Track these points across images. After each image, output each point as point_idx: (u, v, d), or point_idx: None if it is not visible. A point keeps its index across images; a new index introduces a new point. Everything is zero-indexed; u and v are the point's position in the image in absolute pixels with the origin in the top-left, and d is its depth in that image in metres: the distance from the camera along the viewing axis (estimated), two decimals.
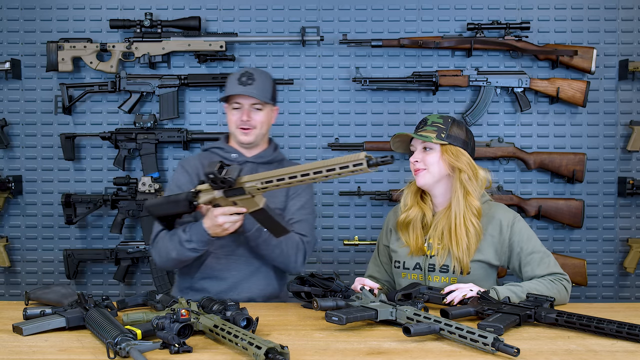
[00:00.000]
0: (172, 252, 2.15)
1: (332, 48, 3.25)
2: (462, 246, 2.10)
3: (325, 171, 1.69)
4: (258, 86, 2.27)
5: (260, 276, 2.30)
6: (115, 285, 3.29)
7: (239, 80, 2.26)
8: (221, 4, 3.26)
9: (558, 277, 2.07)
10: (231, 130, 2.33)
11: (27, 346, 1.63)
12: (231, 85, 2.28)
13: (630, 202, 3.27)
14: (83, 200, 3.18)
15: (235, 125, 2.30)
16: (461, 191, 2.13)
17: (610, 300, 3.28)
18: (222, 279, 2.27)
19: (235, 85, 2.26)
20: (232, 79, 2.30)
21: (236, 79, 2.27)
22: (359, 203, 3.29)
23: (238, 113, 2.29)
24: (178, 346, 1.52)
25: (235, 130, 2.31)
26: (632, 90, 3.25)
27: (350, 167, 1.64)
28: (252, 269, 2.28)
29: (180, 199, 2.04)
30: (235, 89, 2.25)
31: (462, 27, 3.24)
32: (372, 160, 1.61)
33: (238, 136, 2.31)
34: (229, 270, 2.27)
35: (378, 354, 1.55)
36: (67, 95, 3.18)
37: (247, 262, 2.28)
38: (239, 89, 2.25)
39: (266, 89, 2.30)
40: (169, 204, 2.08)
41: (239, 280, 2.27)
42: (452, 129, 2.15)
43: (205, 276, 2.27)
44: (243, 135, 2.30)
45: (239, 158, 2.33)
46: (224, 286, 2.25)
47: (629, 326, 1.60)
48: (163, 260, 2.21)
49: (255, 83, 2.26)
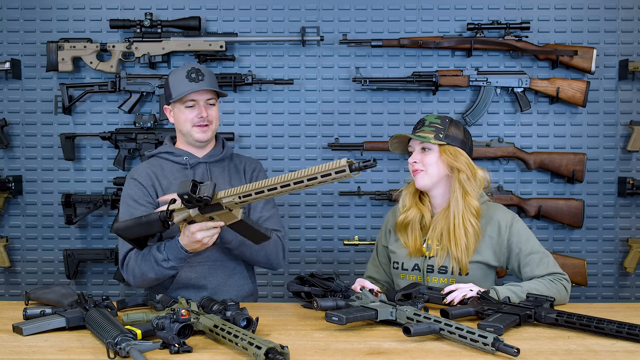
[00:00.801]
0: (149, 272, 2.09)
1: (332, 48, 3.25)
2: (461, 246, 2.10)
3: (307, 180, 1.62)
4: (210, 81, 2.20)
5: (236, 278, 2.28)
6: (115, 285, 3.29)
7: (188, 78, 2.17)
8: (221, 4, 3.26)
9: (557, 277, 2.07)
10: (185, 129, 2.22)
11: (27, 346, 1.63)
12: (181, 84, 2.16)
13: (630, 202, 3.27)
14: (83, 200, 3.18)
15: (191, 124, 2.21)
16: (460, 191, 2.13)
17: (610, 300, 3.28)
18: (200, 287, 2.22)
19: (186, 82, 2.17)
20: (177, 77, 2.18)
21: (183, 77, 2.17)
22: (359, 203, 3.29)
23: (194, 110, 2.20)
24: (178, 346, 1.52)
25: (191, 129, 2.21)
26: (632, 90, 3.25)
27: (332, 175, 1.58)
28: (228, 273, 2.25)
29: (153, 219, 1.95)
30: (191, 86, 2.16)
31: (462, 27, 3.24)
32: (355, 165, 1.56)
33: (195, 134, 2.22)
34: (205, 277, 2.22)
35: (378, 354, 1.55)
36: (67, 95, 3.18)
37: (223, 266, 2.24)
38: (195, 86, 2.16)
39: (216, 83, 2.25)
40: (141, 226, 1.98)
41: (217, 285, 2.23)
42: (449, 129, 2.15)
43: (180, 286, 2.21)
44: (201, 133, 2.22)
45: (190, 160, 2.26)
46: (204, 293, 2.18)
47: (629, 326, 1.60)
48: (138, 281, 2.13)
49: (205, 78, 2.19)
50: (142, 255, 2.11)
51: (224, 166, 2.32)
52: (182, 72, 2.19)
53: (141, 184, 2.22)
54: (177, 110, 2.23)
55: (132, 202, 2.20)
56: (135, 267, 2.12)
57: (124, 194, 2.25)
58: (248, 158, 2.43)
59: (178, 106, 2.22)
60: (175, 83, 2.19)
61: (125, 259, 2.16)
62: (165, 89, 2.25)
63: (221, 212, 1.85)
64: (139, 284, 2.17)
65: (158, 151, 2.32)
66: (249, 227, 1.92)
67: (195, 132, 2.22)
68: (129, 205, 2.20)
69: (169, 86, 2.21)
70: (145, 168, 2.27)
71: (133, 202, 2.20)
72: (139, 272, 2.12)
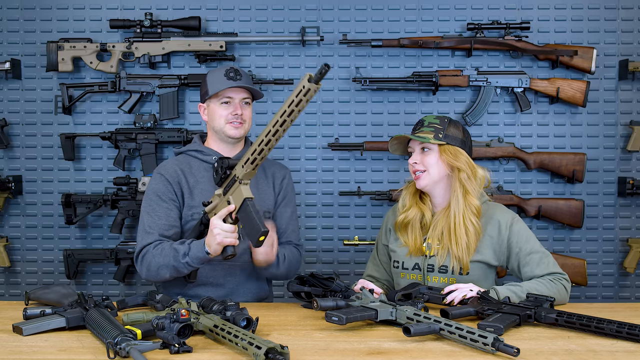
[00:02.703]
0: (165, 266, 2.09)
1: (332, 48, 3.25)
2: (461, 245, 2.10)
3: (287, 117, 1.75)
4: (247, 80, 2.25)
5: (254, 279, 2.30)
6: (115, 285, 3.29)
7: (227, 76, 2.21)
8: (221, 4, 3.26)
9: (557, 277, 2.07)
10: (219, 126, 2.25)
11: (27, 346, 1.63)
12: (220, 81, 2.21)
13: (630, 202, 3.27)
14: (83, 200, 3.17)
15: (225, 120, 2.23)
16: (460, 190, 2.14)
17: (610, 300, 3.28)
18: (218, 285, 2.24)
19: (224, 80, 2.21)
20: (215, 75, 2.24)
21: (222, 74, 2.22)
22: (359, 203, 3.29)
23: (229, 107, 2.23)
24: (178, 346, 1.52)
25: (224, 126, 2.24)
26: (632, 90, 3.25)
27: (302, 98, 1.70)
28: (247, 274, 2.28)
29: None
30: (229, 83, 2.20)
31: (462, 27, 3.24)
32: (314, 77, 1.67)
33: (228, 131, 2.24)
34: (224, 276, 2.25)
35: (378, 354, 1.55)
36: (67, 95, 3.18)
37: (242, 267, 2.26)
38: (233, 83, 2.20)
39: (252, 84, 2.29)
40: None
41: (236, 285, 2.26)
42: (449, 128, 2.15)
43: (199, 283, 2.22)
44: (234, 130, 2.24)
45: None
46: (221, 292, 2.22)
47: (629, 326, 1.60)
48: (152, 274, 2.14)
49: (243, 78, 2.23)
50: (162, 248, 2.11)
51: None
52: (220, 71, 2.24)
53: (167, 180, 2.23)
54: (212, 107, 2.25)
55: (155, 197, 2.21)
56: (152, 260, 2.12)
57: (149, 188, 2.26)
58: (277, 163, 2.44)
59: (214, 102, 2.24)
60: (213, 80, 2.23)
61: (142, 251, 2.16)
62: (202, 87, 2.29)
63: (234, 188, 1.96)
64: (151, 278, 2.17)
65: (187, 149, 2.34)
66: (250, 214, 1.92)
67: (229, 129, 2.24)
68: (151, 200, 2.21)
69: (206, 83, 2.25)
70: (173, 164, 2.29)
71: (156, 198, 2.21)
72: (155, 265, 2.12)
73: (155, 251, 2.12)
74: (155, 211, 2.19)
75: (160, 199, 2.20)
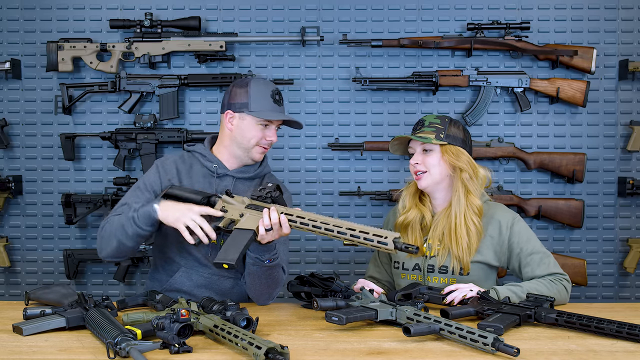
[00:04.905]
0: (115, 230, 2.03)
1: (332, 48, 3.25)
2: (462, 245, 2.10)
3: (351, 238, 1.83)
4: (285, 107, 2.24)
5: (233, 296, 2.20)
6: (115, 285, 3.29)
7: (273, 99, 2.17)
8: (221, 4, 3.26)
9: (558, 277, 2.07)
10: (247, 145, 2.19)
11: (27, 346, 1.63)
12: (266, 102, 2.16)
13: (630, 202, 3.27)
14: (83, 200, 3.17)
15: (256, 141, 2.18)
16: (462, 190, 2.13)
17: (610, 300, 3.27)
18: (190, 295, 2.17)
19: (271, 103, 2.16)
20: (262, 93, 2.17)
21: (268, 95, 2.17)
22: (359, 203, 3.29)
23: (265, 130, 2.18)
24: (178, 346, 1.52)
25: (253, 147, 2.19)
26: (632, 90, 3.25)
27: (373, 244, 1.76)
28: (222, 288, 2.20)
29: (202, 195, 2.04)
30: (276, 108, 2.17)
31: (462, 27, 3.23)
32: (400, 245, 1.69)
33: (255, 154, 2.20)
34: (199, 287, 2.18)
35: (378, 354, 1.55)
36: (67, 95, 3.18)
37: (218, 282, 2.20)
38: (280, 111, 2.19)
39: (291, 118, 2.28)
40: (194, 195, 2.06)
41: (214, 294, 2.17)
42: (450, 128, 2.15)
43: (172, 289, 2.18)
44: (260, 154, 2.22)
45: (219, 169, 2.22)
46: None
47: (629, 326, 1.60)
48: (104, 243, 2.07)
49: (283, 104, 2.22)
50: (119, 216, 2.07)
51: (250, 185, 2.26)
52: (266, 89, 2.18)
53: (159, 174, 2.21)
54: (246, 123, 2.17)
55: (142, 185, 2.21)
56: (109, 227, 2.07)
57: (144, 175, 2.27)
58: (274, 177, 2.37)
59: (250, 118, 2.17)
60: (259, 98, 2.16)
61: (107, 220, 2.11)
62: (240, 96, 2.18)
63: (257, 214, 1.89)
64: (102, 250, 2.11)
65: (195, 149, 2.29)
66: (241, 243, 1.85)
67: (256, 152, 2.21)
68: (138, 186, 2.21)
69: (249, 96, 2.16)
70: (174, 161, 2.26)
71: (142, 185, 2.21)
72: (108, 231, 2.06)
73: (112, 218, 2.09)
74: (137, 196, 2.17)
75: (146, 188, 2.19)
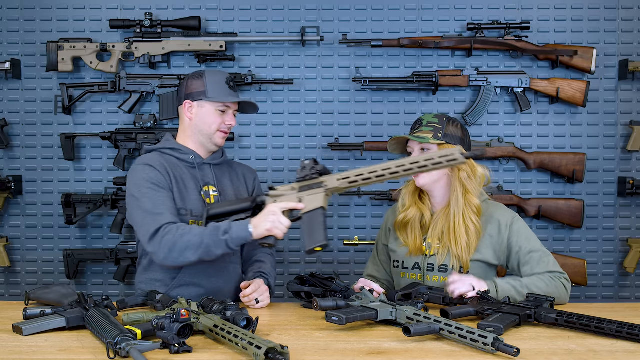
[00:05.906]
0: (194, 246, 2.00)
1: (332, 48, 3.25)
2: (461, 244, 2.10)
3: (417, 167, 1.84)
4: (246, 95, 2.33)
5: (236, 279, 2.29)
6: (115, 285, 3.29)
7: (228, 85, 2.25)
8: (221, 4, 3.26)
9: (557, 276, 2.07)
10: (208, 131, 2.25)
11: (27, 346, 1.63)
12: (222, 89, 2.24)
13: (630, 202, 3.27)
14: (83, 200, 3.17)
15: (217, 127, 2.25)
16: (460, 190, 2.14)
17: (610, 300, 3.27)
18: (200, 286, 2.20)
19: (226, 89, 2.24)
20: (217, 81, 2.25)
21: (223, 82, 2.25)
22: (359, 203, 3.29)
23: (223, 116, 2.26)
24: (178, 346, 1.52)
25: (214, 133, 2.26)
26: (632, 90, 3.25)
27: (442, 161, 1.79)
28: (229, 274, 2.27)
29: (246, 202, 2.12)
30: (231, 93, 2.24)
31: (462, 27, 3.23)
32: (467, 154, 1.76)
33: (217, 139, 2.27)
34: (208, 277, 2.21)
35: (378, 354, 1.55)
36: (67, 95, 3.18)
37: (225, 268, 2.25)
38: (234, 95, 2.26)
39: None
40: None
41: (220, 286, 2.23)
42: (448, 127, 2.15)
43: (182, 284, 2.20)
44: (221, 139, 2.29)
45: (197, 159, 2.27)
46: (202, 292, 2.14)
47: (629, 326, 1.60)
48: (175, 255, 2.02)
49: (237, 89, 2.30)
50: (189, 228, 2.03)
51: (224, 170, 2.37)
52: (221, 77, 2.26)
53: (157, 169, 2.17)
54: (205, 110, 2.24)
55: (152, 184, 2.12)
56: (178, 240, 2.01)
57: (139, 178, 2.15)
58: (244, 166, 2.49)
59: (208, 106, 2.24)
60: (215, 85, 2.23)
61: (159, 231, 2.04)
62: (197, 86, 2.24)
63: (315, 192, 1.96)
64: (170, 262, 2.05)
65: (162, 146, 2.29)
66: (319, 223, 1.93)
67: (218, 137, 2.27)
68: (149, 188, 2.11)
69: (206, 84, 2.22)
70: (157, 157, 2.23)
71: (153, 185, 2.12)
72: (182, 245, 2.01)
73: (181, 231, 2.02)
74: (157, 197, 2.10)
75: (158, 186, 2.13)
